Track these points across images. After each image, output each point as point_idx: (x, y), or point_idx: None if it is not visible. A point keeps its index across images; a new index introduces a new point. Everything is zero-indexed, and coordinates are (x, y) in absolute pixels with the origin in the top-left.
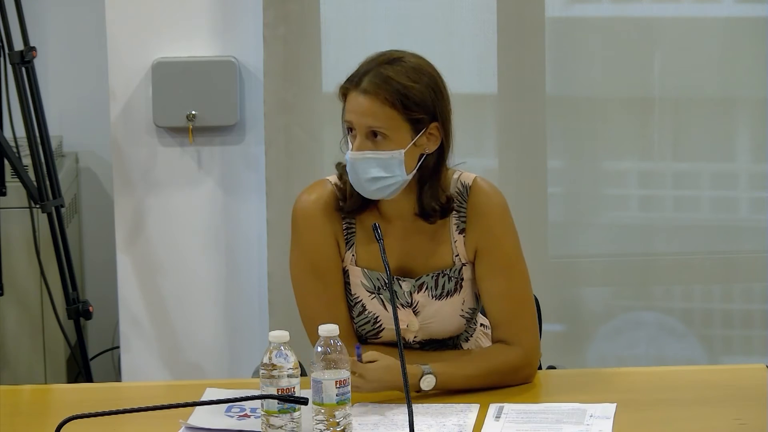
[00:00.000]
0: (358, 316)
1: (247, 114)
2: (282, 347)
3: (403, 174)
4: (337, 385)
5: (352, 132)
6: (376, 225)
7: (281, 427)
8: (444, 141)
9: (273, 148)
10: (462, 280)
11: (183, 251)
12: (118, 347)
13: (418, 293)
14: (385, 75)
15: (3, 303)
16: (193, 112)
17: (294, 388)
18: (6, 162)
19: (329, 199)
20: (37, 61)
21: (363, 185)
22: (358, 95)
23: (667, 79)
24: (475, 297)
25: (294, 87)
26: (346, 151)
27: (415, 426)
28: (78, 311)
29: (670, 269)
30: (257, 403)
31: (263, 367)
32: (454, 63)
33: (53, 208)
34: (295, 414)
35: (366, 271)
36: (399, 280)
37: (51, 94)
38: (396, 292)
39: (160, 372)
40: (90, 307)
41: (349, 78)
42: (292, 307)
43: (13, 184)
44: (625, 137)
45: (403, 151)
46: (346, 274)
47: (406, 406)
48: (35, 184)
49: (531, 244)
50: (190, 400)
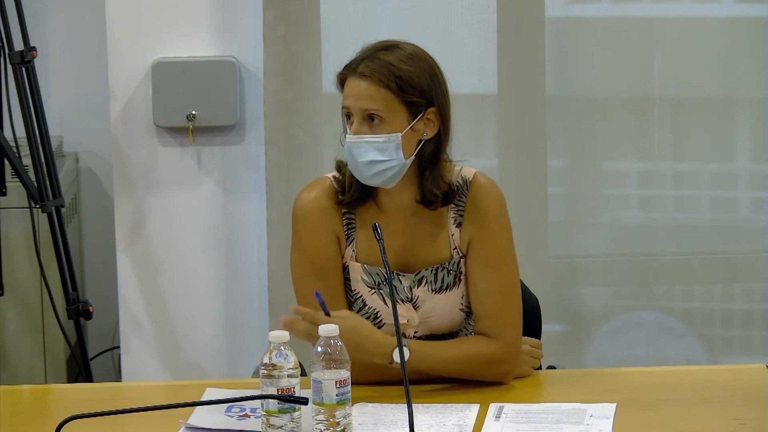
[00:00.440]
0: (358, 312)
1: (247, 114)
2: (282, 347)
3: (400, 158)
4: (337, 385)
5: (350, 119)
6: (376, 225)
7: (281, 427)
8: (442, 128)
9: (273, 148)
10: (461, 273)
11: (183, 251)
12: (118, 347)
13: (418, 288)
14: (381, 59)
15: (3, 303)
16: (193, 112)
17: (294, 388)
18: (6, 162)
19: (328, 196)
20: (37, 61)
21: (360, 170)
22: (354, 79)
23: (667, 79)
24: None
25: (294, 87)
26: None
27: (415, 426)
28: (78, 311)
29: (670, 269)
30: (257, 403)
31: (263, 367)
32: (454, 63)
33: (53, 208)
34: (295, 414)
35: (366, 266)
36: (398, 275)
37: (51, 94)
38: (396, 288)
39: (160, 372)
40: (90, 307)
41: (346, 65)
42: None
43: (13, 184)
44: (625, 137)
45: (400, 135)
46: (346, 269)
47: (406, 405)
48: (35, 184)
49: (531, 244)
50: (190, 400)
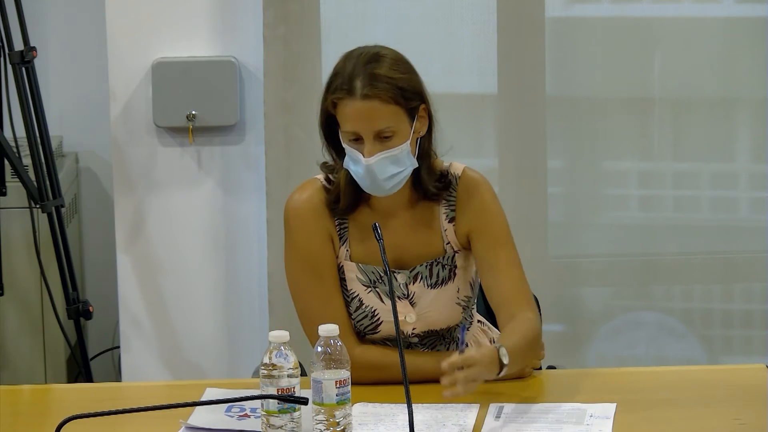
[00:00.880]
0: (355, 312)
1: (247, 114)
2: (282, 347)
3: (413, 162)
4: (337, 385)
5: (357, 140)
6: (376, 225)
7: (281, 427)
8: (430, 120)
9: (273, 148)
10: (455, 267)
11: (183, 251)
12: (118, 347)
13: (414, 284)
14: (377, 74)
15: (3, 303)
16: (193, 112)
17: (294, 388)
18: (6, 162)
19: (320, 197)
20: (37, 61)
21: (380, 185)
22: (357, 102)
23: (667, 79)
24: (470, 285)
25: (294, 87)
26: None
27: (415, 426)
28: (78, 311)
29: (670, 269)
30: (257, 403)
31: (263, 367)
32: (454, 63)
33: (53, 208)
34: (295, 414)
35: (360, 265)
36: (394, 272)
37: (51, 94)
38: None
39: (160, 372)
40: (90, 307)
41: (335, 87)
42: (292, 307)
43: (13, 184)
44: (625, 137)
45: (408, 142)
46: (341, 270)
47: (406, 405)
48: (35, 184)
49: (531, 244)
50: (190, 400)
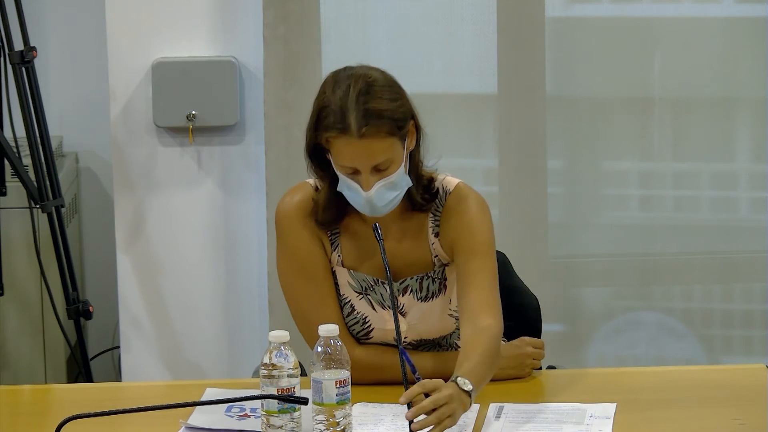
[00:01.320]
0: (347, 317)
1: (247, 114)
2: (282, 347)
3: (408, 182)
4: (337, 385)
5: (353, 173)
6: (376, 225)
7: (281, 427)
8: (417, 133)
9: (273, 148)
10: (445, 280)
11: (183, 251)
12: (118, 347)
13: (403, 296)
14: (372, 109)
15: (3, 303)
16: (193, 112)
17: (294, 388)
18: (6, 162)
19: (312, 201)
20: (37, 61)
21: (379, 211)
22: (354, 140)
23: (667, 79)
24: None
25: (294, 87)
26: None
27: None
28: (78, 311)
29: (670, 269)
30: (257, 403)
31: (263, 367)
32: (454, 63)
33: (53, 208)
34: (295, 414)
35: (352, 272)
36: (383, 283)
37: (51, 94)
38: (382, 295)
39: (160, 372)
40: (90, 307)
41: (327, 124)
42: None
43: (13, 184)
44: (625, 137)
45: (403, 164)
46: (333, 274)
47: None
48: (35, 184)
49: (531, 244)
50: (190, 400)
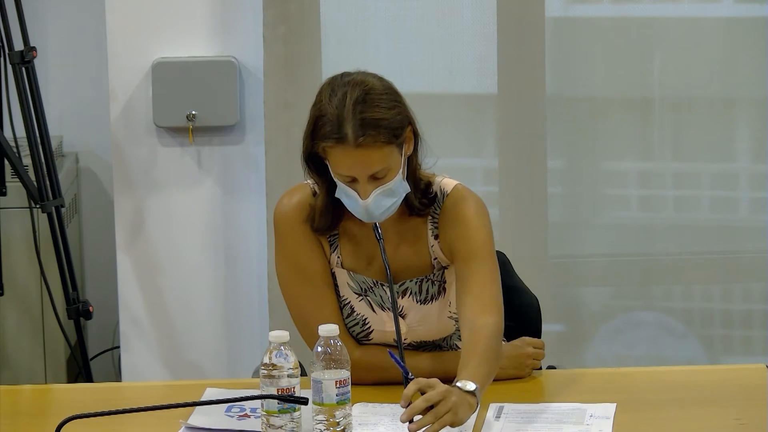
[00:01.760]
0: (347, 318)
1: (247, 114)
2: (282, 347)
3: (406, 188)
4: (337, 385)
5: (351, 180)
6: (376, 225)
7: (281, 427)
8: (415, 138)
9: (273, 148)
10: (445, 283)
11: (183, 251)
12: (118, 347)
13: (403, 298)
14: (369, 119)
15: (3, 303)
16: (193, 112)
17: (294, 388)
18: (6, 162)
19: (310, 202)
20: (37, 61)
21: (377, 218)
22: (351, 150)
23: (667, 79)
24: None
25: (294, 87)
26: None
27: None
28: (78, 311)
29: (670, 269)
30: (257, 403)
31: (263, 367)
32: (454, 63)
33: (53, 208)
34: (295, 414)
35: (352, 273)
36: (383, 285)
37: (51, 94)
38: (382, 296)
39: (160, 372)
40: (90, 307)
41: (324, 134)
42: None
43: (13, 184)
44: (625, 137)
45: (400, 171)
46: (333, 276)
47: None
48: (35, 184)
49: (531, 244)
50: (190, 400)
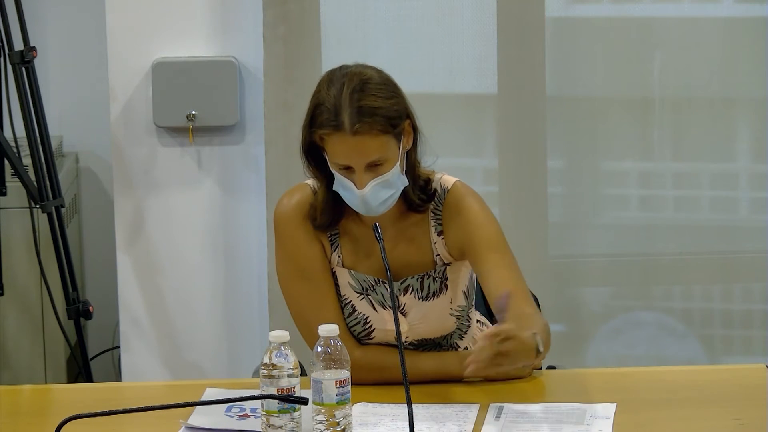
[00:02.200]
0: (348, 317)
1: (247, 114)
2: (282, 347)
3: (404, 182)
4: (337, 385)
5: (347, 169)
6: (376, 225)
7: (281, 427)
8: (414, 132)
9: (273, 148)
10: (447, 280)
11: (183, 251)
12: (118, 347)
13: (404, 295)
14: (366, 107)
15: (3, 303)
16: (193, 112)
17: (294, 388)
18: (6, 162)
19: (310, 202)
20: (37, 61)
21: (374, 210)
22: (347, 137)
23: (667, 79)
24: (464, 295)
25: (294, 87)
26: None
27: (415, 426)
28: (78, 311)
29: (670, 269)
30: (257, 403)
31: (263, 367)
32: (454, 63)
33: (53, 208)
34: (295, 414)
35: (353, 272)
36: (384, 283)
37: (51, 94)
38: (383, 295)
39: (160, 372)
40: (90, 307)
41: (321, 122)
42: None
43: (13, 184)
44: (625, 137)
45: (398, 163)
46: (333, 275)
47: (406, 405)
48: (35, 184)
49: (531, 244)
50: (190, 400)
